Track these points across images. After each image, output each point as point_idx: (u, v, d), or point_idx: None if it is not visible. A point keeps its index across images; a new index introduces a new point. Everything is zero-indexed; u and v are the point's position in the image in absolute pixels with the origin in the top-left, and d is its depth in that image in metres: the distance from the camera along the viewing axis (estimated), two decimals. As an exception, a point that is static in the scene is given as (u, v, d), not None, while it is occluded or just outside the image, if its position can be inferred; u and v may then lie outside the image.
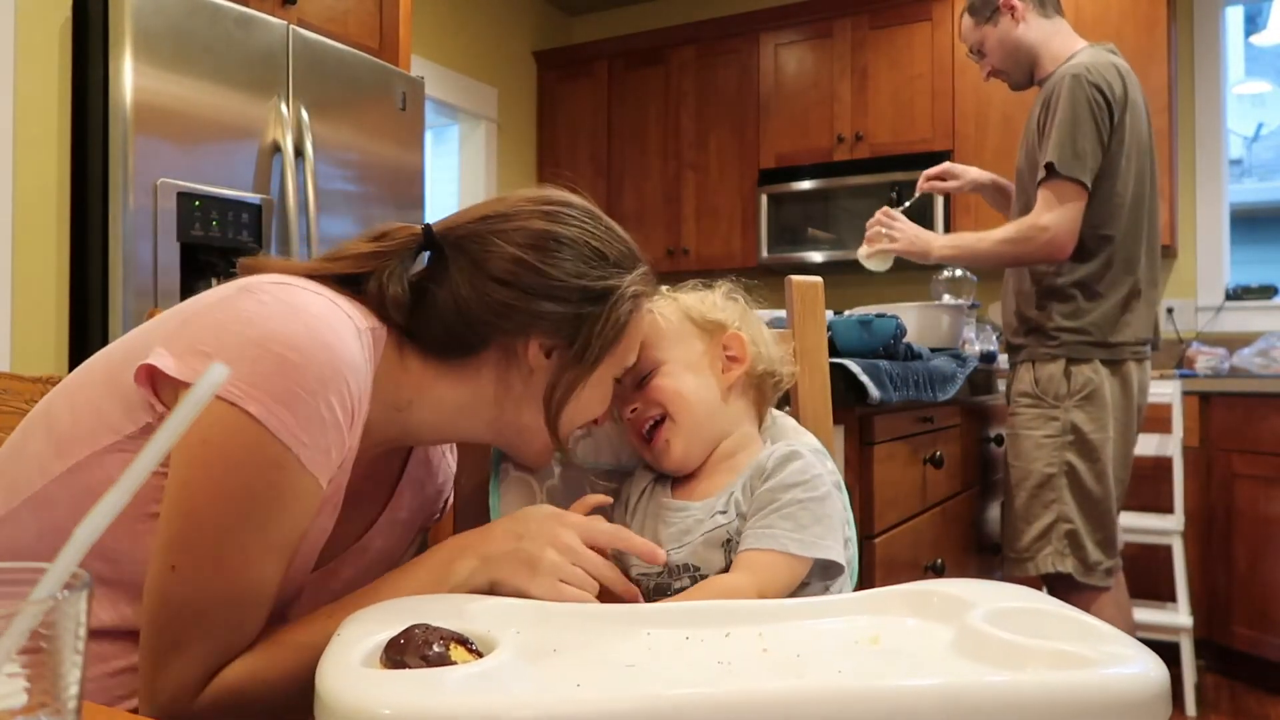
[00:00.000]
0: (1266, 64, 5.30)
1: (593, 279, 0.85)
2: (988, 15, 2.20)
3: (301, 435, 0.71)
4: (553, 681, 0.60)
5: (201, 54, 2.20)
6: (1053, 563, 2.06)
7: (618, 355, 0.89)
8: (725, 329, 0.96)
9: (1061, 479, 2.07)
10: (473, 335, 0.85)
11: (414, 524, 1.00)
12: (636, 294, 0.88)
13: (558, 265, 0.84)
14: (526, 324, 0.84)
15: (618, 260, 0.87)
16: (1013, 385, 2.17)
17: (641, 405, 0.93)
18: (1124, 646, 0.61)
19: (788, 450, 0.89)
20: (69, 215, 2.19)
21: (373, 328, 0.81)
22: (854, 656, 0.66)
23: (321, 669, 0.58)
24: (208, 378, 0.44)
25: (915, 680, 0.59)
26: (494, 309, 0.84)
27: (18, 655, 0.39)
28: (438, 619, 0.64)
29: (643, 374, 0.93)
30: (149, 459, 0.43)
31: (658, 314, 0.94)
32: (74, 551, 0.41)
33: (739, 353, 0.95)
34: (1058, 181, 2.01)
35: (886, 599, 0.77)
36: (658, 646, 0.68)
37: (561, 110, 4.60)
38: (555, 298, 0.84)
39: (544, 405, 0.86)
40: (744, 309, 0.99)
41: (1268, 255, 4.99)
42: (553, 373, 0.86)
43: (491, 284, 0.84)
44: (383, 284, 0.83)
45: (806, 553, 0.83)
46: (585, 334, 0.85)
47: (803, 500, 0.85)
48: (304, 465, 0.72)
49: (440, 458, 1.03)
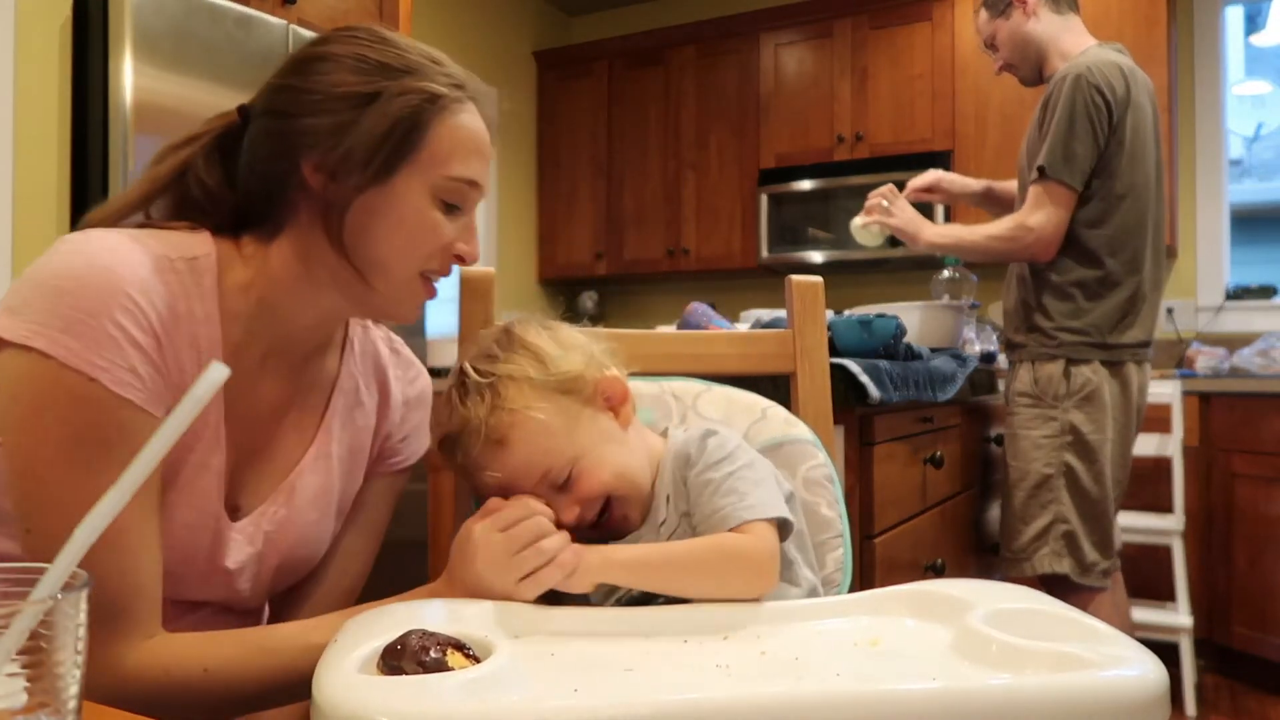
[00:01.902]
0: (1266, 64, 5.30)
1: (357, 84, 0.78)
2: (1001, 9, 2.20)
3: (95, 359, 0.69)
4: (550, 687, 0.60)
5: (201, 54, 2.20)
6: (1049, 563, 2.06)
7: (422, 163, 0.79)
8: (582, 376, 0.85)
9: (1059, 479, 2.07)
10: (268, 188, 0.81)
11: (353, 461, 0.94)
12: (430, 94, 0.79)
13: (317, 81, 0.79)
14: (295, 145, 0.78)
15: (398, 65, 0.80)
16: (1011, 384, 2.17)
17: (582, 508, 0.83)
18: (1123, 648, 0.61)
19: (700, 431, 0.87)
20: (69, 215, 2.19)
21: (186, 254, 0.78)
22: (853, 659, 0.66)
23: (318, 674, 0.58)
24: (207, 376, 0.44)
25: (913, 684, 0.59)
26: (264, 142, 0.80)
27: (18, 655, 0.39)
28: (434, 624, 0.64)
29: (558, 481, 0.82)
30: (149, 459, 0.43)
31: (533, 414, 0.81)
32: (74, 551, 0.41)
33: (615, 392, 0.87)
34: (1047, 183, 2.02)
35: (886, 600, 0.77)
36: (656, 650, 0.68)
37: (561, 110, 4.60)
38: (317, 112, 0.78)
39: (322, 227, 0.79)
40: (566, 335, 0.88)
41: (1268, 255, 4.99)
42: (328, 190, 0.79)
43: (259, 119, 0.81)
44: (188, 186, 0.82)
45: (772, 513, 0.80)
46: (349, 140, 0.77)
47: (734, 471, 0.82)
48: (109, 389, 0.70)
49: (377, 393, 0.97)
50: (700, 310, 2.02)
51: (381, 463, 0.99)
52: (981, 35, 2.29)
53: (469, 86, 0.83)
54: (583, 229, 4.53)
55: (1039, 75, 2.23)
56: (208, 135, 0.85)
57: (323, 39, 0.83)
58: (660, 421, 1.04)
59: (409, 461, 1.02)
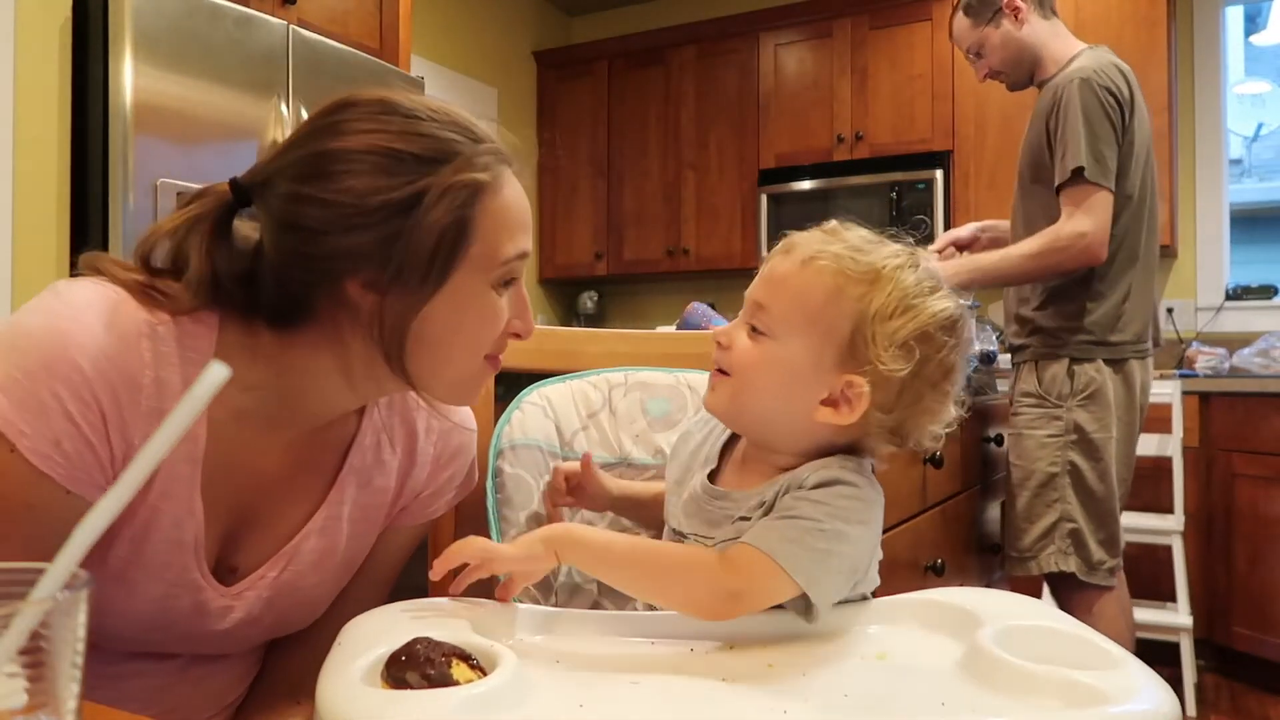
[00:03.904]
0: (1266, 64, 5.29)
1: (393, 189, 0.70)
2: (989, 16, 2.19)
3: (20, 423, 0.66)
4: (555, 702, 0.59)
5: (201, 54, 2.20)
6: (1056, 562, 2.05)
7: (475, 257, 0.73)
8: (859, 337, 0.74)
9: (1064, 478, 2.07)
10: (293, 293, 0.74)
11: (366, 523, 0.89)
12: (470, 184, 0.72)
13: (343, 189, 0.70)
14: (335, 268, 0.71)
15: (430, 155, 0.72)
16: (1016, 385, 2.17)
17: (726, 353, 0.78)
18: (1135, 676, 0.59)
19: (837, 475, 0.74)
20: (69, 215, 2.19)
21: (178, 324, 0.73)
22: (860, 675, 0.65)
23: (322, 684, 0.57)
24: (206, 378, 0.44)
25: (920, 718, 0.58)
26: (294, 261, 0.72)
27: (18, 655, 0.39)
28: (438, 629, 0.63)
29: (755, 319, 0.77)
30: (146, 462, 0.43)
31: (840, 271, 0.74)
32: (73, 552, 0.41)
33: (853, 401, 0.74)
34: (1084, 187, 1.99)
35: (895, 608, 0.76)
36: (662, 660, 0.67)
37: (561, 110, 4.59)
38: (353, 227, 0.70)
39: (378, 347, 0.73)
40: (958, 331, 0.76)
41: (1268, 255, 4.99)
42: (384, 308, 0.72)
43: (281, 233, 0.72)
44: (180, 260, 0.74)
45: (790, 570, 0.68)
46: (399, 255, 0.70)
47: (821, 523, 0.71)
48: (26, 459, 0.66)
49: (402, 450, 0.90)
50: (700, 310, 2.03)
51: (401, 517, 0.93)
52: (963, 43, 2.26)
53: (502, 152, 0.77)
54: (583, 229, 4.52)
55: (1029, 80, 2.23)
56: (204, 221, 0.75)
57: (331, 125, 0.73)
58: (675, 413, 1.04)
59: (432, 517, 0.96)
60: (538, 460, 0.98)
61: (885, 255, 0.77)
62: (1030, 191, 2.15)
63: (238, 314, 0.76)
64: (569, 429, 1.03)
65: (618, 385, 1.06)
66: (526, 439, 0.98)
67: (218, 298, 0.75)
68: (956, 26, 2.26)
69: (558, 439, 1.02)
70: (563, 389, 1.05)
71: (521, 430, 1.00)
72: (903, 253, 0.78)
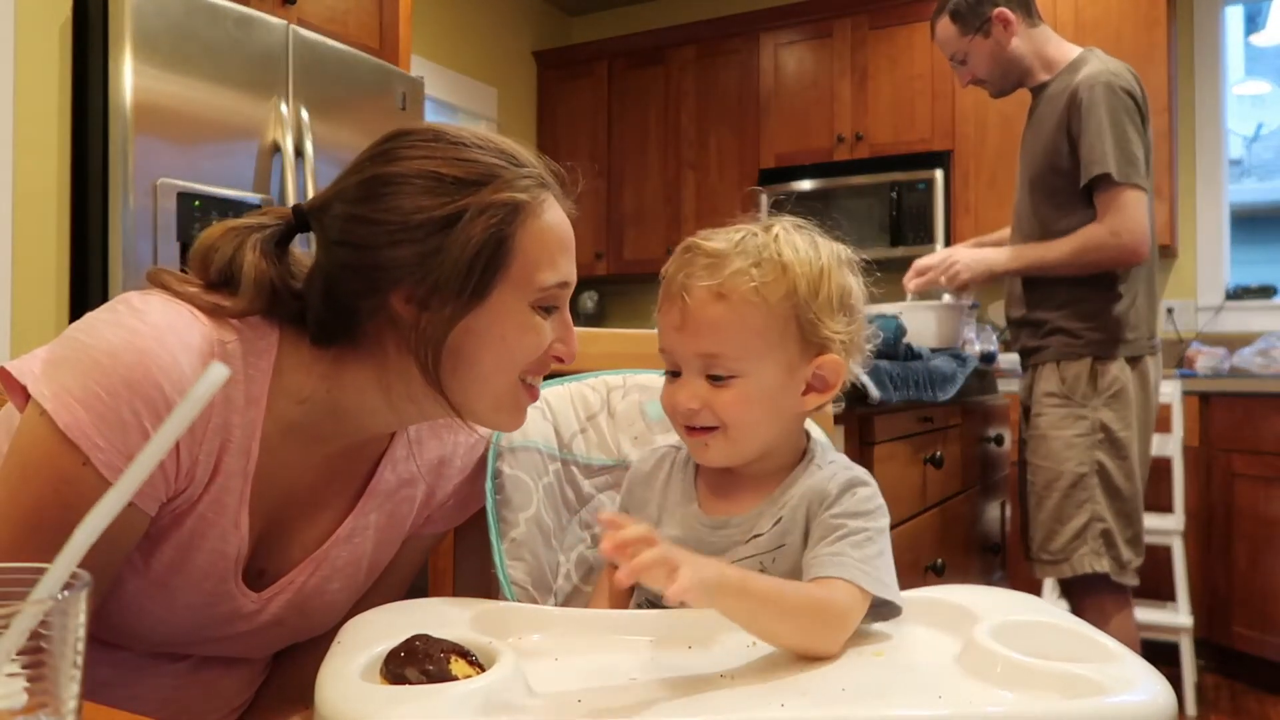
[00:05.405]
0: (1266, 64, 5.29)
1: (435, 208, 0.75)
2: (977, 26, 2.17)
3: (96, 437, 0.68)
4: (553, 698, 0.59)
5: (201, 54, 2.20)
6: (1089, 563, 2.04)
7: (514, 277, 0.77)
8: (829, 348, 0.80)
9: (1093, 478, 2.06)
10: (344, 309, 0.78)
11: (392, 530, 0.92)
12: (512, 205, 0.77)
13: (390, 208, 0.75)
14: (380, 280, 0.76)
15: (473, 178, 0.76)
16: (1035, 386, 2.16)
17: (703, 411, 0.80)
18: (1131, 669, 0.60)
19: (850, 476, 0.80)
20: (69, 215, 2.19)
21: (245, 341, 0.76)
22: (858, 670, 0.65)
23: (321, 680, 0.58)
24: (207, 377, 0.44)
25: (919, 710, 0.58)
26: (344, 275, 0.77)
27: (18, 655, 0.39)
28: (437, 627, 0.63)
29: (711, 369, 0.79)
30: (147, 460, 0.43)
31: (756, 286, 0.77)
32: (73, 552, 0.41)
33: (831, 379, 0.81)
34: (1120, 188, 2.00)
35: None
36: (660, 657, 0.67)
37: (561, 110, 4.59)
38: (398, 243, 0.75)
39: (414, 358, 0.76)
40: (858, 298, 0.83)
41: (1268, 255, 4.98)
42: (423, 320, 0.76)
43: (335, 249, 0.77)
44: (234, 269, 0.77)
45: (873, 589, 0.73)
46: (438, 269, 0.74)
47: (869, 533, 0.75)
48: (98, 472, 0.69)
49: (436, 461, 0.94)
50: (700, 310, 2.02)
51: (426, 525, 0.97)
52: (949, 50, 2.24)
53: (545, 178, 0.81)
54: (582, 229, 4.50)
55: (1015, 87, 2.23)
56: (263, 232, 0.80)
57: (384, 152, 0.78)
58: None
59: (450, 526, 0.99)
60: (536, 462, 0.99)
61: (765, 243, 0.81)
62: (1045, 193, 2.14)
63: (293, 329, 0.80)
64: (567, 431, 1.03)
65: (616, 388, 1.07)
66: (525, 441, 0.98)
67: (274, 309, 0.79)
68: (942, 32, 2.24)
69: (556, 441, 1.02)
70: (561, 391, 1.05)
71: (520, 432, 1.00)
72: (772, 227, 0.82)
